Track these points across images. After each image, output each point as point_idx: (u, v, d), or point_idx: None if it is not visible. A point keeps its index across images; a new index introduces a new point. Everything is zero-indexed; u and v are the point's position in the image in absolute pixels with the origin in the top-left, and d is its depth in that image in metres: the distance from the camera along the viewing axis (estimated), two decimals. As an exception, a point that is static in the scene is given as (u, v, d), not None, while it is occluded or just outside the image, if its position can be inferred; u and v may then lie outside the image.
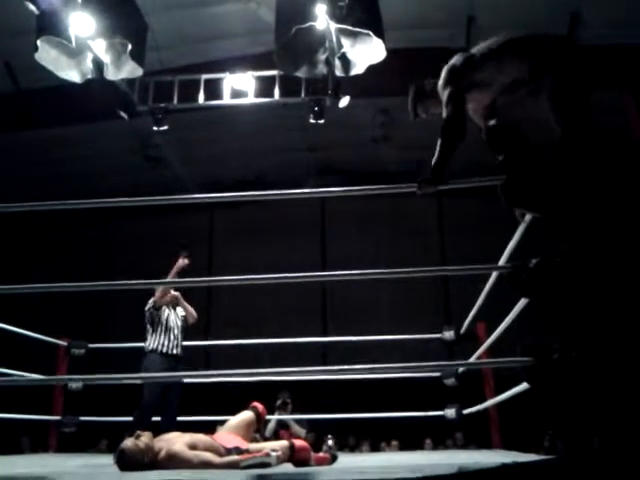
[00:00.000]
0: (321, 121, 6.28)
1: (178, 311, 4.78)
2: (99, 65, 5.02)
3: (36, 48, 4.57)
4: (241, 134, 8.03)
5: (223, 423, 3.51)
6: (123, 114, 6.40)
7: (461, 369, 5.06)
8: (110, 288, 3.68)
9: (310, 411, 5.64)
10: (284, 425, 5.65)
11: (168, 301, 4.67)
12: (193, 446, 2.85)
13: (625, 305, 2.42)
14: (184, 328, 4.75)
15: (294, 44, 4.60)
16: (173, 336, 4.59)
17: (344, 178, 8.88)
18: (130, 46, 4.73)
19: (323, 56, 4.84)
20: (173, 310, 4.73)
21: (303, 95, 6.17)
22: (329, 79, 5.99)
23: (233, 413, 3.50)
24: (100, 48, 4.88)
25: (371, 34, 4.41)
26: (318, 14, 4.49)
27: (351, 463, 3.48)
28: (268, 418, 5.19)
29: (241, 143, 8.39)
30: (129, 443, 2.81)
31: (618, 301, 2.43)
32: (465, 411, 5.03)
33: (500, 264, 3.14)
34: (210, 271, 9.44)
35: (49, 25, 4.58)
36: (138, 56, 4.88)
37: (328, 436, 5.39)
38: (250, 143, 8.40)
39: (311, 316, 9.26)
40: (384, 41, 4.47)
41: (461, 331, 5.18)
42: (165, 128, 6.52)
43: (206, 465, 2.76)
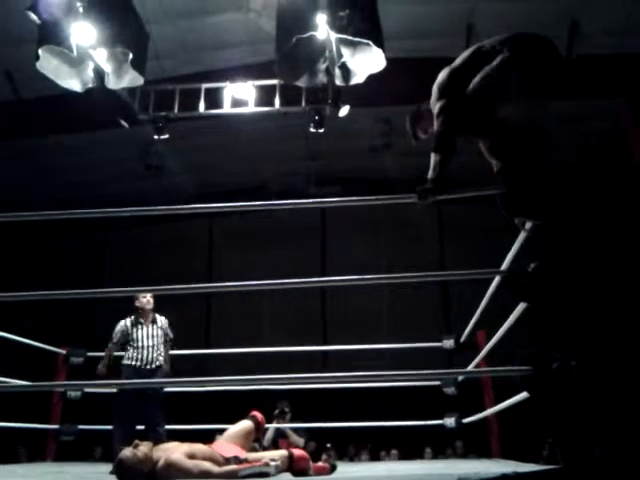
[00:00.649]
0: (321, 130, 6.31)
1: (159, 323, 4.84)
2: (100, 74, 5.04)
3: (37, 57, 4.59)
4: (241, 143, 8.05)
5: (222, 432, 3.50)
6: (124, 123, 6.42)
7: (461, 378, 5.05)
8: (108, 295, 3.66)
9: (309, 419, 5.63)
10: (282, 434, 5.63)
11: (145, 318, 4.79)
12: (192, 455, 2.84)
13: (625, 312, 2.42)
14: (165, 341, 4.81)
15: (294, 54, 4.62)
16: (148, 351, 4.68)
17: (344, 186, 8.90)
18: (131, 55, 4.75)
19: (323, 65, 4.86)
20: (151, 325, 4.79)
21: (303, 104, 6.20)
22: (329, 88, 6.01)
23: (232, 422, 3.49)
24: (101, 57, 4.90)
25: (371, 44, 4.43)
26: (318, 24, 4.52)
27: (350, 473, 3.47)
28: (266, 427, 5.18)
29: (241, 152, 8.41)
30: (128, 453, 2.80)
31: (618, 308, 2.43)
32: (465, 420, 5.01)
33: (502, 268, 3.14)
34: (210, 278, 9.44)
35: (50, 34, 4.59)
36: (139, 65, 4.90)
37: (328, 445, 5.38)
38: (250, 152, 8.42)
39: (311, 324, 9.24)
40: (384, 51, 4.49)
41: (461, 340, 5.17)
42: (166, 137, 6.54)
43: (205, 474, 2.75)
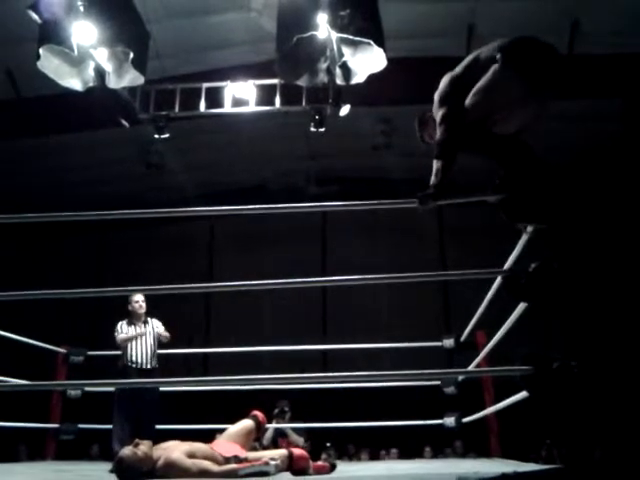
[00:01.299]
0: (322, 129, 6.30)
1: (153, 324, 4.97)
2: (101, 73, 5.04)
3: (38, 56, 4.59)
4: (242, 142, 8.04)
5: (222, 431, 3.51)
6: (125, 122, 6.42)
7: (461, 377, 5.05)
8: (109, 294, 3.68)
9: (309, 419, 5.63)
10: (282, 433, 5.63)
11: (138, 320, 4.94)
12: (191, 454, 2.84)
13: (625, 312, 2.42)
14: (158, 341, 4.95)
15: (295, 53, 4.63)
16: (144, 351, 4.82)
17: (345, 186, 8.89)
18: (132, 54, 4.76)
19: (324, 65, 4.86)
20: (144, 326, 4.92)
21: (304, 104, 6.19)
22: (330, 88, 6.01)
23: (231, 421, 3.50)
24: (102, 56, 4.90)
25: (372, 43, 4.43)
26: (319, 23, 4.52)
27: (350, 472, 3.47)
28: (266, 426, 5.18)
29: (242, 151, 8.40)
30: (128, 452, 2.80)
31: (618, 308, 2.43)
32: (464, 419, 5.02)
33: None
34: (210, 278, 9.44)
35: (51, 34, 4.60)
36: (140, 64, 4.90)
37: (327, 444, 5.39)
38: (251, 151, 8.41)
39: (311, 324, 9.24)
40: (385, 50, 4.50)
41: (461, 339, 5.17)
42: (166, 136, 6.53)
43: (204, 474, 2.75)
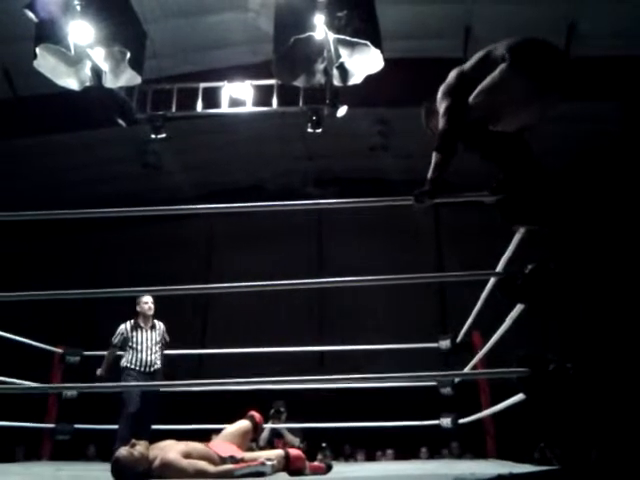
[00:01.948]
0: (319, 130, 6.30)
1: (157, 327, 4.98)
2: (98, 73, 5.04)
3: (35, 56, 4.59)
4: (239, 143, 8.05)
5: (219, 431, 3.50)
6: (121, 122, 6.41)
7: (457, 379, 5.06)
8: (106, 295, 3.67)
9: (305, 420, 5.62)
10: (278, 434, 5.63)
11: (145, 323, 4.94)
12: (187, 454, 2.84)
13: (622, 314, 2.43)
14: (162, 345, 4.96)
15: (292, 54, 4.63)
16: (147, 354, 4.82)
17: (342, 186, 8.89)
18: (129, 54, 4.75)
19: (321, 66, 4.87)
20: (150, 330, 4.93)
21: (301, 104, 6.19)
22: (327, 88, 6.01)
23: (227, 421, 3.49)
24: (99, 56, 4.90)
25: (369, 44, 4.44)
26: (317, 24, 4.52)
27: (346, 473, 3.47)
28: (263, 427, 5.17)
29: (239, 151, 8.40)
30: (124, 452, 2.80)
31: (614, 309, 2.44)
32: (461, 420, 5.02)
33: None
34: (208, 278, 9.43)
35: (48, 33, 4.59)
36: (137, 64, 4.90)
37: (323, 445, 5.38)
38: (248, 151, 8.42)
39: (307, 324, 9.24)
40: (382, 51, 4.50)
41: (457, 340, 5.18)
42: (163, 136, 6.53)
43: (200, 474, 2.75)
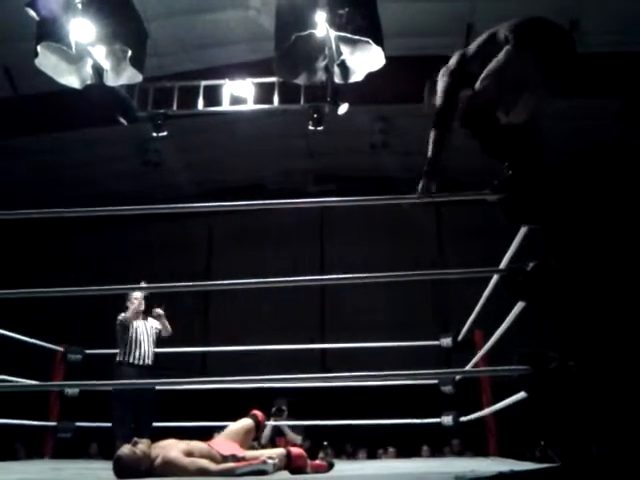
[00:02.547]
0: (320, 128, 6.30)
1: (150, 322, 4.97)
2: (99, 71, 5.03)
3: (36, 54, 4.58)
4: (240, 140, 8.04)
5: (221, 429, 3.51)
6: (122, 120, 6.40)
7: (458, 376, 5.06)
8: (107, 293, 3.68)
9: (307, 418, 5.63)
10: (280, 432, 5.63)
11: (136, 317, 4.86)
12: (189, 453, 2.84)
13: (624, 311, 2.42)
14: (156, 339, 4.94)
15: (293, 51, 4.62)
16: (143, 348, 4.77)
17: (343, 184, 8.89)
18: (130, 52, 4.74)
19: (322, 63, 4.85)
20: (144, 322, 4.92)
21: (302, 102, 6.18)
22: (328, 86, 6.00)
23: (229, 419, 3.49)
24: (100, 54, 4.89)
25: (370, 42, 4.42)
26: (318, 22, 4.51)
27: (348, 471, 3.47)
28: (265, 424, 5.17)
29: (240, 149, 8.40)
30: (126, 450, 2.80)
31: (616, 307, 2.43)
32: (462, 418, 5.02)
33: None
34: (208, 276, 9.44)
35: (49, 31, 4.58)
36: (138, 62, 4.89)
37: (325, 443, 5.39)
38: (249, 149, 8.41)
39: (309, 323, 9.25)
40: (383, 49, 4.49)
41: (458, 338, 5.18)
42: (164, 134, 6.53)
43: (202, 472, 2.75)
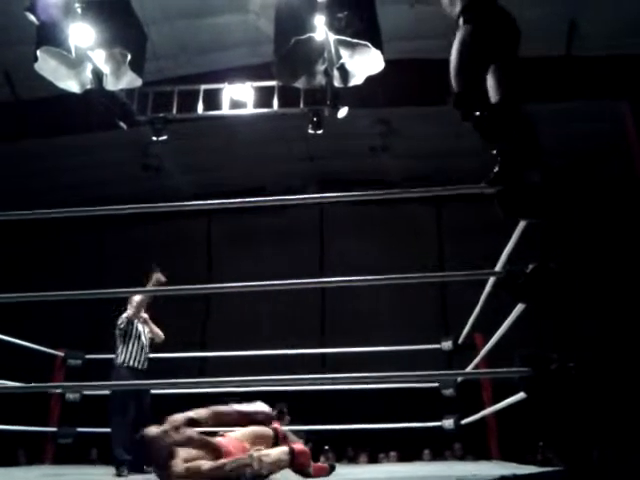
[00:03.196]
0: (320, 131, 6.30)
1: (150, 326, 4.95)
2: (98, 75, 5.03)
3: (36, 58, 4.59)
4: (240, 144, 8.05)
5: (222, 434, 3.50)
6: (122, 124, 6.40)
7: (459, 379, 5.05)
8: (105, 296, 3.67)
9: (308, 421, 5.61)
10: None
11: (139, 319, 4.78)
12: (189, 459, 2.87)
13: (623, 313, 2.43)
14: (151, 343, 4.92)
15: (293, 55, 4.62)
16: (143, 351, 4.74)
17: (343, 187, 8.87)
18: (129, 56, 4.75)
19: (322, 67, 4.86)
20: (142, 325, 4.88)
21: (302, 106, 6.18)
22: (328, 90, 6.00)
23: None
24: (100, 58, 4.89)
25: (369, 45, 4.43)
26: (317, 25, 4.51)
27: (349, 475, 3.46)
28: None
29: (240, 153, 8.40)
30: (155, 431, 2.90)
31: (616, 308, 2.43)
32: (463, 421, 5.01)
33: (496, 269, 3.14)
34: (209, 278, 9.42)
35: (49, 35, 4.59)
36: (137, 66, 4.89)
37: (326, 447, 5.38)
38: (249, 153, 8.42)
39: (309, 325, 9.23)
40: (382, 52, 4.49)
41: (459, 341, 5.17)
42: (164, 138, 6.52)
43: (197, 474, 2.79)
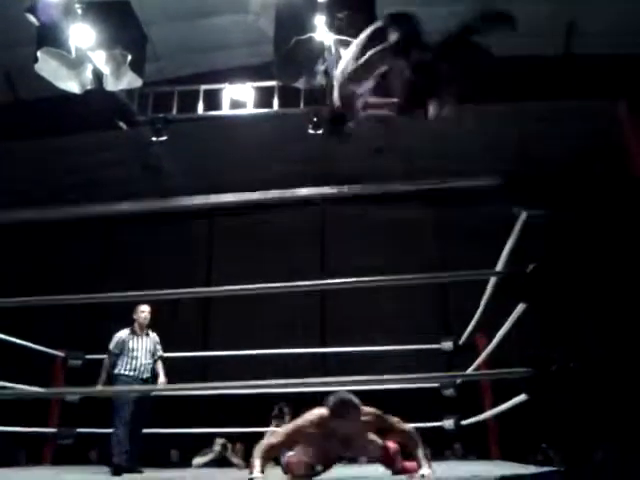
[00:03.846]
0: (320, 131, 6.30)
1: (151, 336, 5.09)
2: (99, 76, 5.04)
3: (36, 59, 4.59)
4: (240, 145, 8.04)
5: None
6: (122, 124, 6.41)
7: (459, 380, 5.05)
8: (106, 300, 3.67)
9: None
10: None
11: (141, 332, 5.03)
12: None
13: (625, 312, 2.43)
14: (154, 353, 5.05)
15: (293, 55, 4.63)
16: (141, 361, 4.90)
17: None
18: (130, 57, 4.76)
19: (322, 67, 4.87)
20: (144, 336, 5.02)
21: (302, 106, 6.19)
22: (328, 90, 6.01)
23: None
24: (100, 59, 4.90)
25: (369, 45, 4.43)
26: (317, 25, 4.53)
27: (349, 474, 3.46)
28: (265, 430, 5.17)
29: (240, 154, 8.39)
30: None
31: (618, 308, 2.43)
32: (464, 422, 5.01)
33: (497, 269, 3.14)
34: (209, 281, 9.42)
35: (49, 36, 4.60)
36: (138, 67, 4.90)
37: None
38: (249, 154, 8.41)
39: (310, 327, 9.23)
40: (382, 52, 4.49)
41: (460, 342, 5.17)
42: (164, 138, 6.53)
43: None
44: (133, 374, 4.82)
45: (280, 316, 9.00)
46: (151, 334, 5.12)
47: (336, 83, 2.61)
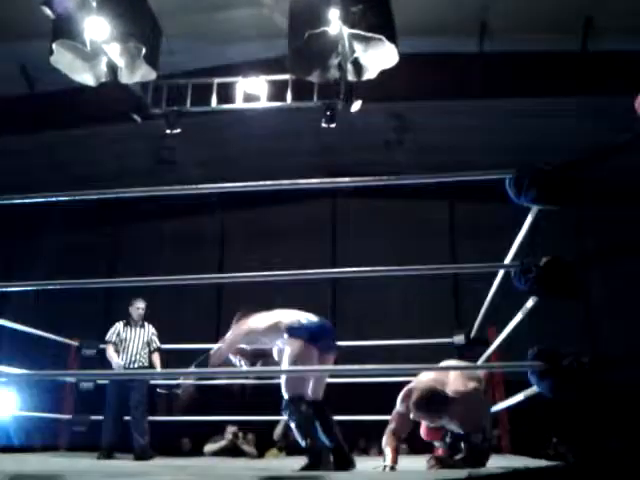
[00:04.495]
0: (333, 125, 6.29)
1: (147, 329, 5.27)
2: (113, 68, 5.08)
3: (51, 52, 4.64)
4: (254, 138, 8.06)
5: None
6: (136, 117, 6.44)
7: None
8: (120, 285, 3.71)
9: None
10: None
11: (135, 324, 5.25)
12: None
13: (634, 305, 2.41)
14: (149, 344, 5.25)
15: (307, 49, 4.63)
16: (132, 351, 5.13)
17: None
18: (144, 50, 4.79)
19: (336, 61, 4.86)
20: (138, 327, 5.21)
21: (315, 99, 6.18)
22: (341, 83, 6.00)
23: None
24: (114, 52, 4.93)
25: (384, 39, 4.43)
26: (331, 19, 4.52)
27: (361, 467, 3.47)
28: (276, 420, 5.19)
29: (253, 147, 8.42)
30: None
31: (631, 301, 2.42)
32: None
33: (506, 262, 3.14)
34: (221, 273, 9.47)
35: (64, 29, 4.64)
36: (152, 60, 4.93)
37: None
38: (262, 147, 8.43)
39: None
40: (396, 46, 4.49)
41: (471, 335, 5.17)
42: (178, 131, 6.56)
43: None
44: (123, 363, 5.06)
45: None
46: (147, 325, 5.28)
47: None
